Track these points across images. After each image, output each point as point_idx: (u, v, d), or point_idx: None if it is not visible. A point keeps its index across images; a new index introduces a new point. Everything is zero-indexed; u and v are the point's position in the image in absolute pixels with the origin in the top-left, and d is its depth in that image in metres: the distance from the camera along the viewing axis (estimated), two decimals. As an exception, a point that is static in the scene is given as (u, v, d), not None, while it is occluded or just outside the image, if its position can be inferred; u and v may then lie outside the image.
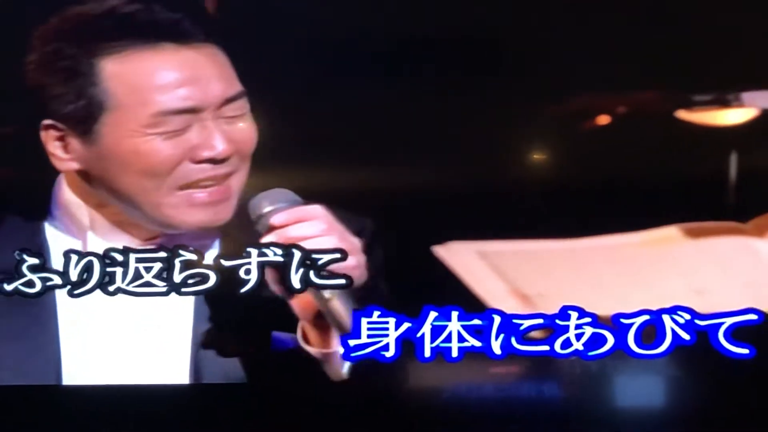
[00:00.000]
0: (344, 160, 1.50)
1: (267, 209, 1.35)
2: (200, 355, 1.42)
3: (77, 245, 1.43)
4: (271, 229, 1.34)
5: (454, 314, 1.36)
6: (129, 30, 1.37)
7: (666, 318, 1.35)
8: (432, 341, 1.36)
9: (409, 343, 1.36)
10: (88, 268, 1.39)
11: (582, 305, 1.34)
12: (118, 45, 1.36)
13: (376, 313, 1.36)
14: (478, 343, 1.36)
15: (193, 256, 1.38)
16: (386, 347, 1.37)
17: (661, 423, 1.40)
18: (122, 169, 1.37)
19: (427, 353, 1.36)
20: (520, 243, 1.40)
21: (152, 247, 1.41)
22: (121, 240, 1.42)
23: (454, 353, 1.36)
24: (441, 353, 1.36)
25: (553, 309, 1.35)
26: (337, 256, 1.36)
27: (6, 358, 1.42)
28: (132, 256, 1.39)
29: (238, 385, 1.42)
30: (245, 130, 1.41)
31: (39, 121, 1.40)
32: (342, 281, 1.33)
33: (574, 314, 1.35)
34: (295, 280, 1.36)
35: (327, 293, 1.34)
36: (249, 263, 1.36)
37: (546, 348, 1.36)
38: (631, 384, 1.41)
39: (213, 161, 1.38)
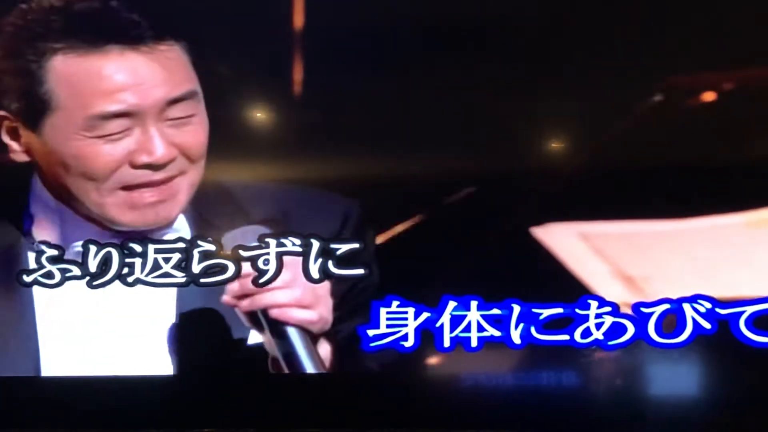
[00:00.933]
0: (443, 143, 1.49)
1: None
2: (180, 344, 1.42)
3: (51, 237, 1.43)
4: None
5: (474, 304, 1.35)
6: (78, 31, 1.37)
7: (686, 307, 1.34)
8: (451, 331, 1.36)
9: (428, 333, 1.36)
10: (106, 260, 1.39)
11: (689, 288, 1.32)
12: (66, 45, 1.36)
13: (395, 303, 1.36)
14: (497, 333, 1.35)
15: (212, 247, 1.38)
16: (405, 337, 1.36)
17: (685, 412, 1.39)
18: (65, 169, 1.38)
19: (447, 343, 1.36)
20: (624, 224, 1.39)
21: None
22: (89, 232, 1.42)
23: (474, 343, 1.35)
24: (460, 343, 1.36)
25: (659, 292, 1.34)
26: (357, 246, 1.36)
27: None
28: (151, 247, 1.39)
29: (218, 374, 1.42)
30: (192, 131, 1.40)
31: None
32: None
33: (594, 303, 1.34)
34: (314, 270, 1.36)
35: (285, 345, 1.32)
36: (268, 253, 1.36)
37: (566, 337, 1.35)
38: (653, 374, 1.39)
39: (151, 167, 1.37)
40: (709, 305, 1.34)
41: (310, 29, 1.48)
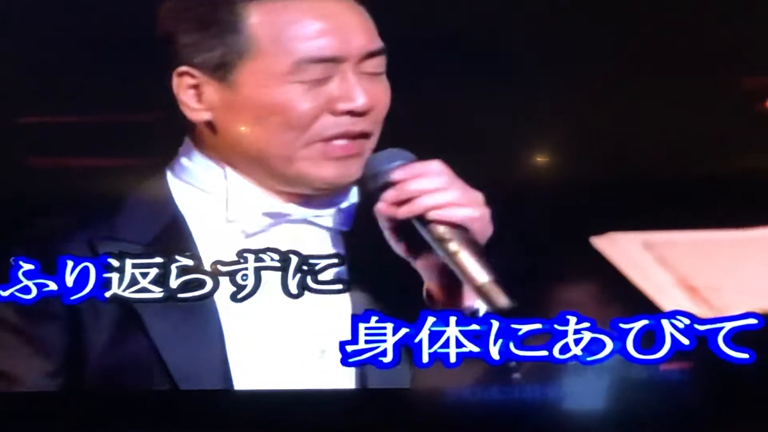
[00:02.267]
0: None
1: (385, 167, 1.32)
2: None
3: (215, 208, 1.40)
4: (390, 184, 1.31)
5: (452, 319, 1.35)
6: None
7: (665, 322, 1.34)
8: (430, 347, 1.36)
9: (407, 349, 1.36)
10: (83, 274, 1.38)
11: (755, 299, 1.31)
12: None
13: (374, 319, 1.36)
14: (476, 349, 1.35)
15: (190, 262, 1.38)
16: (384, 353, 1.36)
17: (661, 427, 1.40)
18: (258, 120, 1.35)
19: (425, 359, 1.36)
20: (689, 233, 1.38)
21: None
22: (258, 196, 1.39)
23: (452, 359, 1.36)
24: (439, 359, 1.36)
25: (723, 302, 1.33)
26: (335, 261, 1.36)
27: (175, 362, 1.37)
28: (128, 262, 1.38)
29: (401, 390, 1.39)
30: (383, 88, 1.39)
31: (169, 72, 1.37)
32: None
33: (572, 319, 1.35)
34: (293, 286, 1.35)
35: (452, 246, 1.28)
36: (246, 269, 1.36)
37: (544, 353, 1.35)
38: (629, 389, 1.40)
39: (352, 113, 1.35)
40: (687, 321, 1.35)
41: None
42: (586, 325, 1.35)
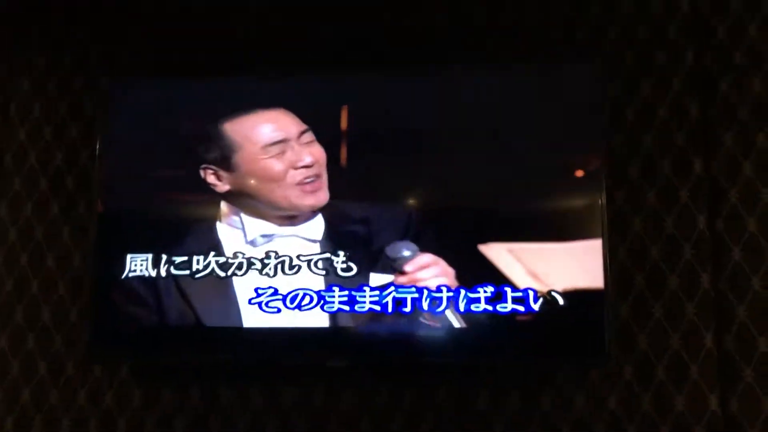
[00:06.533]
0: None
1: (403, 254, 2.18)
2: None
3: (239, 236, 2.28)
4: (404, 273, 2.18)
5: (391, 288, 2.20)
6: (236, 105, 2.30)
7: (507, 290, 2.17)
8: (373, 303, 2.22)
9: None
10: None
11: (568, 281, 2.19)
12: (230, 114, 2.29)
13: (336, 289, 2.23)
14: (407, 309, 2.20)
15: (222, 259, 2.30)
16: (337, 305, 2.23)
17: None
18: (258, 181, 2.26)
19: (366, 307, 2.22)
20: (532, 243, 2.18)
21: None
22: (263, 226, 2.27)
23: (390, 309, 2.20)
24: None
25: (550, 281, 2.16)
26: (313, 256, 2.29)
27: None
28: (193, 259, 2.31)
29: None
30: (318, 149, 2.26)
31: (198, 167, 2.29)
32: None
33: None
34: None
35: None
36: (254, 261, 2.29)
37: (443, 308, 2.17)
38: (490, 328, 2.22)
39: (306, 167, 2.26)
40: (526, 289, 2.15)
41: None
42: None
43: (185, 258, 2.28)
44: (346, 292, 2.21)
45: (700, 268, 2.25)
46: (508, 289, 2.16)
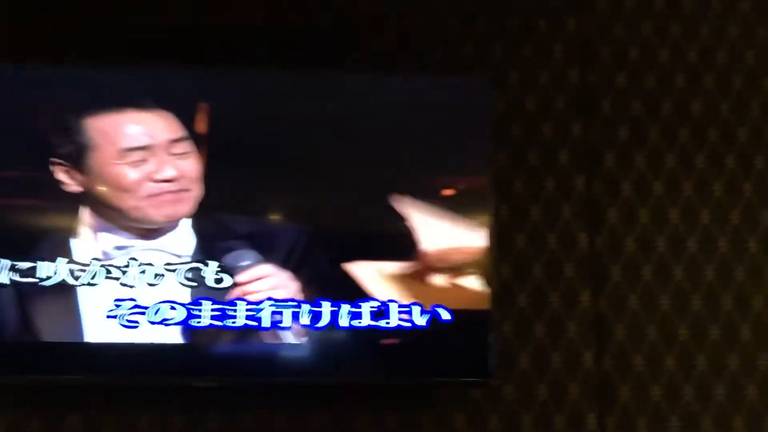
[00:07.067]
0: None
1: (239, 263, 2.04)
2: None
3: (93, 245, 2.06)
4: (237, 284, 2.04)
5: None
6: (104, 101, 2.07)
7: (326, 305, 2.08)
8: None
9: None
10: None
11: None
12: (97, 110, 2.06)
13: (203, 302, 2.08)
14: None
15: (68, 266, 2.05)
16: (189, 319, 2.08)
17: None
18: (108, 187, 2.04)
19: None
20: (390, 262, 2.12)
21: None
22: (118, 238, 2.06)
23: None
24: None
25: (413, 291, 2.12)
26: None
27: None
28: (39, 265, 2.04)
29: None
30: (191, 162, 2.07)
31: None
32: None
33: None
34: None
35: None
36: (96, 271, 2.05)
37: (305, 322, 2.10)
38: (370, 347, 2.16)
39: (165, 181, 2.05)
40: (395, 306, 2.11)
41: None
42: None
43: (31, 264, 2.05)
44: (219, 306, 2.06)
45: (580, 286, 2.26)
46: (393, 305, 2.10)
